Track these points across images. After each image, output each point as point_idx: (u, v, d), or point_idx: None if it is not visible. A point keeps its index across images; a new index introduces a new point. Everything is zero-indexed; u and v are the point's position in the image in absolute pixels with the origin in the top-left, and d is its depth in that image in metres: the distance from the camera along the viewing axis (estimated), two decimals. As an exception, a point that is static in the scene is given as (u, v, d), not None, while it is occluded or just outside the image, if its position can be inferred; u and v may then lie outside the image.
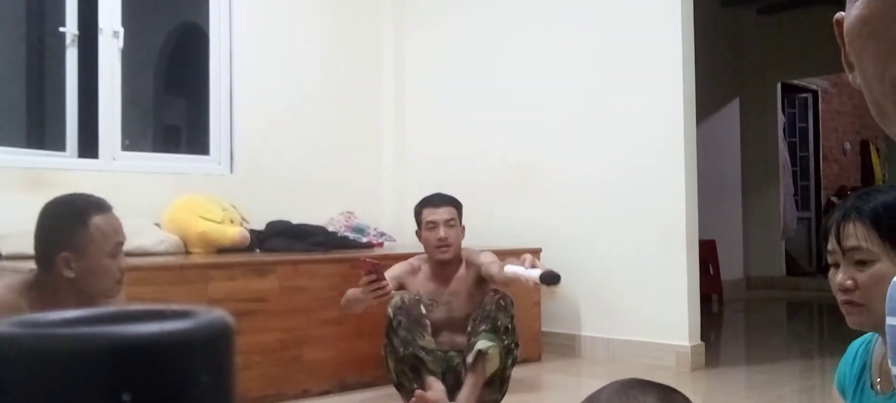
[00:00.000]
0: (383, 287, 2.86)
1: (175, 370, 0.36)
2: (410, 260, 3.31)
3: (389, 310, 3.04)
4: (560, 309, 4.24)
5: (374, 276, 2.84)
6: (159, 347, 0.36)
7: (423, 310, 3.08)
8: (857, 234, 1.33)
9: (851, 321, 1.36)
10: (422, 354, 2.97)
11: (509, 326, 3.03)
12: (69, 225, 1.94)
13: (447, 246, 3.15)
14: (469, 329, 3.02)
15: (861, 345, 1.47)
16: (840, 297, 1.37)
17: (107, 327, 0.36)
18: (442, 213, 3.18)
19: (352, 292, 3.03)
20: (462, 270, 3.21)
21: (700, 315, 3.98)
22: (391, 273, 3.16)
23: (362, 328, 3.46)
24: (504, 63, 4.60)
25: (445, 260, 3.18)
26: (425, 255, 3.25)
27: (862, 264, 1.33)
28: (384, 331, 3.07)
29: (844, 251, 1.35)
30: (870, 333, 1.42)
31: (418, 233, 3.25)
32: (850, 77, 0.63)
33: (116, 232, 2.00)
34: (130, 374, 0.35)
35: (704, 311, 4.19)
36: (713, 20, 6.92)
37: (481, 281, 3.14)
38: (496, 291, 3.09)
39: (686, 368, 3.82)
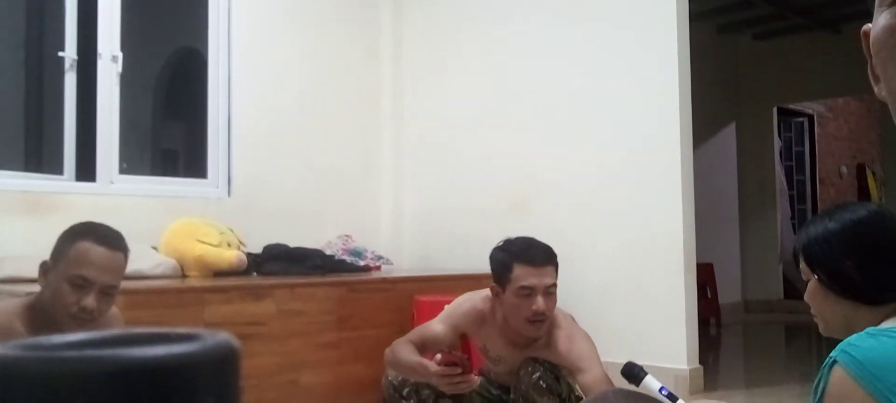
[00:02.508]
0: (468, 381, 2.32)
1: (181, 393, 0.36)
2: (476, 300, 2.58)
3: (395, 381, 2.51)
4: (558, 333, 4.23)
5: (458, 370, 2.31)
6: (166, 370, 0.36)
7: (489, 370, 2.52)
8: (801, 260, 1.54)
9: (820, 329, 1.54)
10: None
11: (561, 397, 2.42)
12: (64, 236, 1.91)
13: (542, 322, 2.39)
14: None
15: None
16: None
17: (113, 350, 0.36)
18: (544, 277, 2.39)
19: (408, 357, 2.41)
20: (543, 346, 2.48)
21: (698, 338, 3.97)
22: (450, 318, 2.56)
23: (360, 352, 3.45)
24: (501, 88, 4.62)
25: (536, 337, 2.45)
26: (491, 297, 2.51)
27: (807, 282, 1.53)
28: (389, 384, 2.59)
29: (802, 273, 1.56)
30: None
31: (495, 291, 2.46)
32: (876, 89, 0.63)
33: (89, 266, 1.84)
34: (137, 397, 0.35)
35: (703, 335, 4.18)
36: (709, 46, 6.97)
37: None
38: (539, 363, 2.44)
39: (685, 392, 3.80)
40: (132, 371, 0.35)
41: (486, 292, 2.53)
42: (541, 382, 2.38)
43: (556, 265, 2.47)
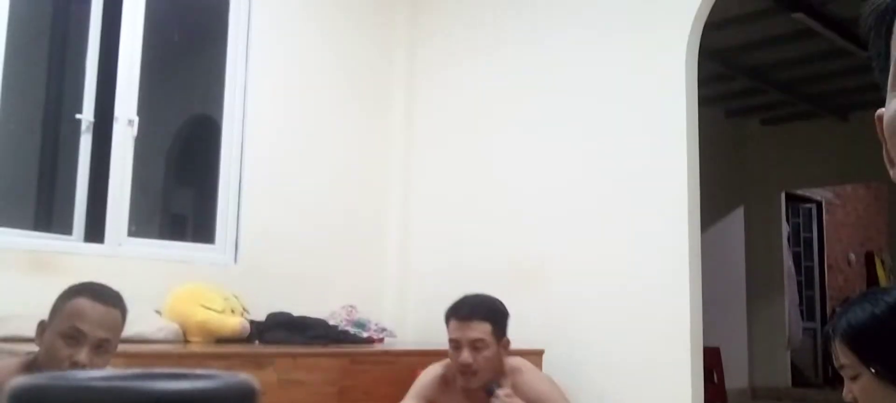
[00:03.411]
0: None
1: None
2: (439, 367, 2.69)
3: None
4: (562, 414, 4.17)
5: None
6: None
7: None
8: (838, 354, 1.37)
9: None
10: None
11: None
12: (61, 296, 1.92)
13: (472, 374, 2.51)
14: None
15: None
16: None
17: (138, 382, 0.36)
18: (467, 332, 2.51)
19: None
20: (510, 396, 2.57)
21: (704, 424, 3.90)
22: (417, 391, 2.66)
23: (360, 425, 3.40)
24: (510, 166, 4.65)
25: (469, 388, 2.56)
26: None
27: (854, 379, 1.36)
28: None
29: (839, 368, 1.41)
30: None
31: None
32: (891, 173, 0.63)
33: (82, 319, 1.83)
34: None
35: (709, 421, 4.10)
36: (718, 130, 7.03)
37: None
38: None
39: (690, 480, 3.71)
40: None
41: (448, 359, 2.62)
42: None
43: (489, 319, 2.52)
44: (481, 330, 2.50)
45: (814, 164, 7.68)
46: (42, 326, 1.91)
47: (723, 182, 7.15)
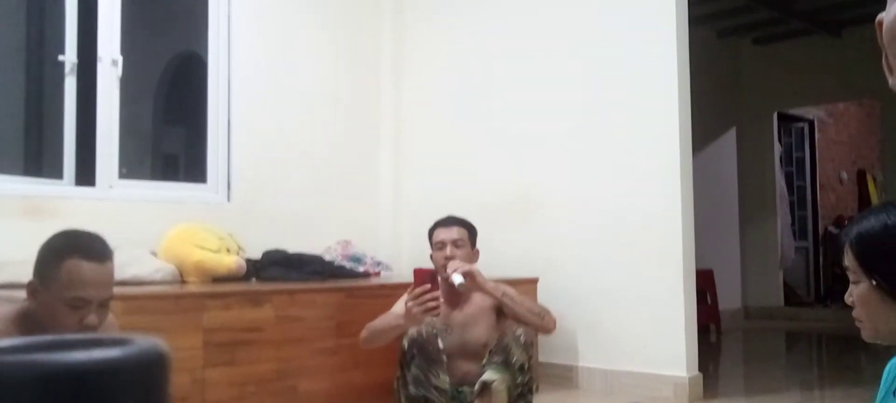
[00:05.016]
0: (437, 299, 2.78)
1: (102, 398, 0.36)
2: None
3: (404, 342, 2.94)
4: (557, 340, 4.22)
5: (427, 286, 2.78)
6: (87, 375, 0.36)
7: (441, 345, 2.95)
8: (847, 256, 1.39)
9: (862, 335, 1.41)
10: (433, 396, 2.87)
11: (525, 364, 2.88)
12: (48, 255, 1.87)
13: (453, 259, 3.08)
14: (484, 360, 2.92)
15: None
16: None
17: (38, 355, 0.36)
18: (450, 233, 3.16)
19: (380, 320, 3.00)
20: (477, 295, 3.12)
21: (698, 345, 3.96)
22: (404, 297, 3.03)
23: (358, 359, 3.44)
24: (501, 92, 4.62)
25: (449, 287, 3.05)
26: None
27: (855, 284, 1.40)
28: (398, 362, 2.96)
29: (845, 269, 1.42)
30: None
31: (431, 256, 3.21)
32: (890, 80, 0.61)
33: (85, 286, 1.83)
34: (57, 401, 0.35)
35: (702, 341, 4.17)
36: (710, 50, 6.97)
37: (501, 311, 3.08)
38: (516, 327, 3.00)
39: (684, 399, 3.79)
40: (53, 377, 0.35)
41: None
42: (519, 336, 2.93)
43: (465, 226, 3.22)
44: (459, 232, 3.18)
45: (807, 83, 7.64)
46: (33, 286, 1.88)
47: (715, 103, 7.12)
